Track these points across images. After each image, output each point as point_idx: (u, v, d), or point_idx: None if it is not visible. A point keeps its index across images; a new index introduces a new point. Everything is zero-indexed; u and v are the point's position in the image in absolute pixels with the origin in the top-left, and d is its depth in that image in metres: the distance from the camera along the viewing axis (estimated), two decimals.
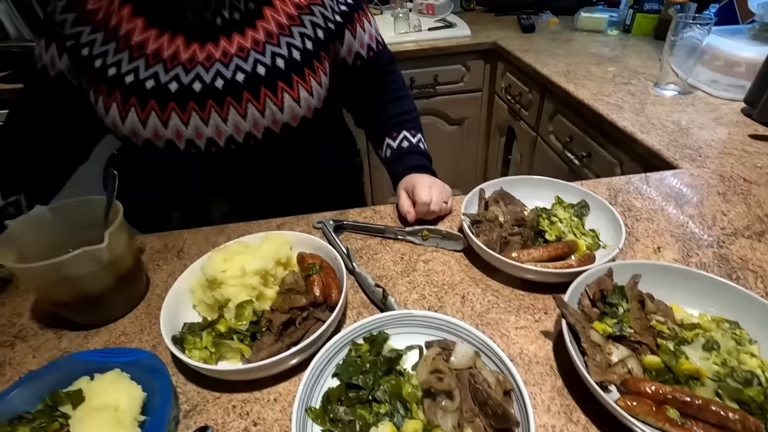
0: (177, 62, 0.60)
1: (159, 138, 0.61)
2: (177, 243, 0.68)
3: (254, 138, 0.64)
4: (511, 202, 0.64)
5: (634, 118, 0.95)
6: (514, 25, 1.80)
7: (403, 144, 0.75)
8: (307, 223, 0.70)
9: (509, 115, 1.61)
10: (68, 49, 0.61)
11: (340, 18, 0.69)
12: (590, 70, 1.25)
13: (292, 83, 0.63)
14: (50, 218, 0.55)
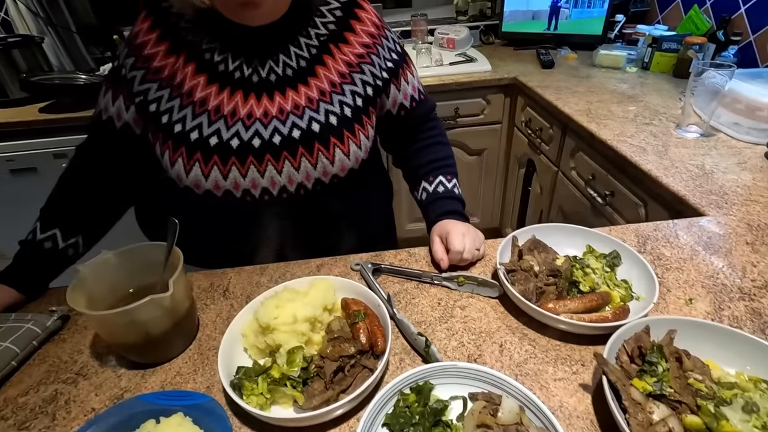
0: (237, 118, 0.65)
1: (218, 189, 0.66)
2: (222, 282, 0.71)
3: (305, 187, 0.68)
4: (544, 250, 0.67)
5: (657, 161, 0.98)
6: (533, 59, 1.85)
7: (439, 189, 0.78)
8: (345, 265, 0.73)
9: (529, 148, 1.64)
10: (137, 105, 0.66)
11: (387, 74, 0.73)
12: (611, 109, 1.28)
13: (343, 138, 0.68)
14: (114, 262, 0.59)
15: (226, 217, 0.73)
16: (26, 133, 1.57)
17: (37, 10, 1.78)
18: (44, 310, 0.67)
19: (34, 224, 0.70)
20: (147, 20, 0.66)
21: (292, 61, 0.68)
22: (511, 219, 1.97)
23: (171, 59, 0.65)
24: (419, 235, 1.74)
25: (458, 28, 2.00)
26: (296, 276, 0.71)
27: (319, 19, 0.70)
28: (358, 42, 0.71)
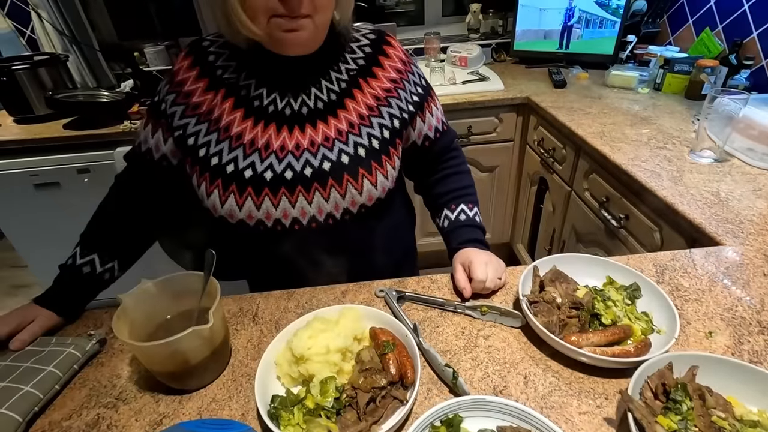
0: (270, 151, 0.68)
1: (251, 219, 0.69)
2: (251, 307, 0.74)
3: (333, 217, 0.71)
4: (564, 280, 0.69)
5: (673, 187, 0.99)
6: (545, 78, 1.88)
7: (461, 217, 0.81)
8: (369, 291, 0.75)
9: (542, 167, 1.66)
10: (175, 138, 0.70)
11: (413, 107, 0.76)
12: (625, 131, 1.30)
13: (371, 170, 0.70)
14: (153, 291, 0.61)
15: (256, 245, 0.76)
16: (50, 148, 1.62)
17: (63, 28, 1.84)
18: (82, 332, 0.70)
19: (74, 249, 0.73)
20: (188, 58, 0.70)
21: (323, 94, 0.71)
22: (523, 235, 1.98)
23: (209, 95, 0.68)
24: (431, 250, 1.76)
25: (470, 47, 2.04)
26: (322, 302, 0.74)
27: (350, 55, 0.73)
28: (386, 77, 0.74)
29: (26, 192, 1.66)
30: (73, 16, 1.84)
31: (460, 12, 2.38)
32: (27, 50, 1.96)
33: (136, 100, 1.74)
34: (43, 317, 0.67)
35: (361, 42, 0.75)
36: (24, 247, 1.82)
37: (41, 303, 0.69)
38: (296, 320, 0.64)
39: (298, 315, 0.71)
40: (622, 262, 0.77)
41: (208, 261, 0.61)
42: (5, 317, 0.67)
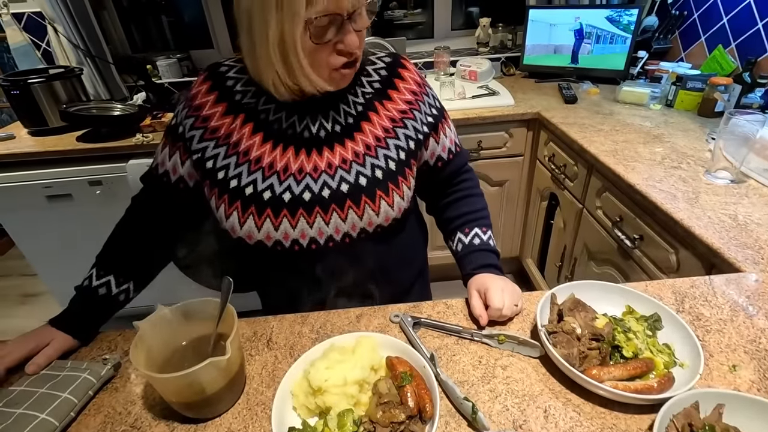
0: (289, 173, 0.68)
1: (269, 239, 0.69)
2: (265, 331, 0.73)
3: (350, 236, 0.71)
4: (583, 309, 0.68)
5: (689, 209, 0.98)
6: (555, 92, 1.88)
7: (475, 241, 0.80)
8: (384, 316, 0.75)
9: (552, 182, 1.66)
10: (194, 161, 0.70)
11: (427, 128, 0.77)
12: (638, 150, 1.29)
13: (388, 191, 0.71)
14: (169, 317, 0.61)
15: (273, 264, 0.76)
16: (63, 160, 1.63)
17: (77, 42, 1.87)
18: (96, 355, 0.70)
19: (90, 271, 0.73)
20: (206, 83, 0.71)
21: (340, 117, 0.71)
22: (532, 250, 1.97)
23: (228, 119, 0.69)
24: (440, 263, 1.75)
25: (480, 60, 2.04)
26: (336, 326, 0.73)
27: (366, 79, 0.74)
28: (401, 99, 0.74)
29: (39, 203, 1.67)
30: (87, 29, 1.86)
31: (470, 26, 2.39)
32: (42, 63, 1.99)
33: (149, 113, 1.75)
34: (59, 340, 0.67)
35: (377, 65, 0.75)
36: (34, 256, 1.83)
37: (56, 325, 0.69)
38: (312, 348, 0.63)
39: (313, 340, 0.70)
40: (641, 289, 0.76)
41: (225, 288, 0.61)
42: (21, 340, 0.67)
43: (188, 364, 0.53)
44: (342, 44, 0.61)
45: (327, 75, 0.64)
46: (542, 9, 1.96)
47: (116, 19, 2.15)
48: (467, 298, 0.76)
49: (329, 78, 0.65)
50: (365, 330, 0.72)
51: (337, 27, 0.59)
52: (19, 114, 1.70)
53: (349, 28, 0.60)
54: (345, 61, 0.63)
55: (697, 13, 1.73)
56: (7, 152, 1.60)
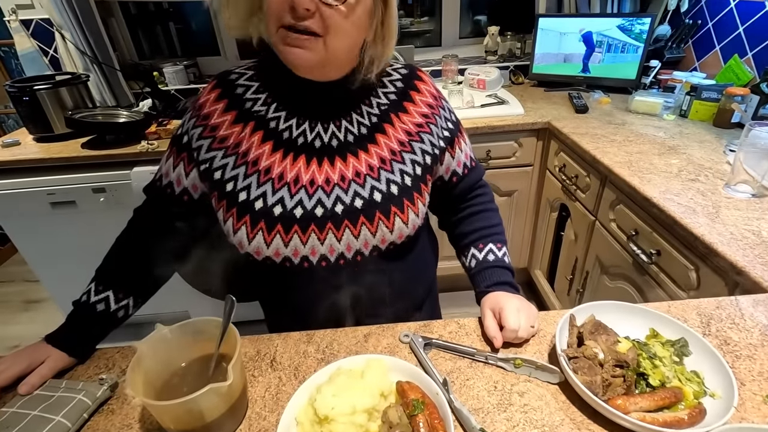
0: (300, 185, 0.65)
1: (278, 255, 0.66)
2: (269, 350, 0.70)
3: (362, 254, 0.68)
4: (605, 331, 0.64)
5: (710, 225, 0.94)
6: (565, 102, 1.85)
7: (489, 257, 0.77)
8: (393, 336, 0.71)
9: (563, 193, 1.62)
10: (201, 172, 0.68)
11: (443, 143, 0.74)
12: (653, 161, 1.25)
13: (403, 207, 0.68)
14: (169, 337, 0.58)
15: (280, 280, 0.73)
16: (67, 167, 1.62)
17: (84, 48, 1.87)
18: (92, 374, 0.67)
19: (89, 285, 0.70)
20: (215, 91, 0.68)
21: (353, 127, 0.68)
22: (541, 261, 1.93)
23: (237, 128, 0.66)
24: (447, 274, 1.71)
25: (488, 69, 2.02)
26: (343, 346, 0.70)
27: (381, 89, 0.71)
28: (418, 112, 0.71)
29: (43, 210, 1.66)
30: (95, 36, 1.86)
31: (478, 34, 2.38)
32: (50, 69, 1.99)
33: (154, 120, 1.74)
34: (54, 358, 0.64)
35: (393, 76, 0.73)
36: (37, 262, 1.82)
37: (52, 342, 0.66)
38: (318, 371, 0.60)
39: (319, 361, 0.67)
40: (663, 310, 0.72)
41: (227, 307, 0.58)
42: (14, 357, 0.64)
43: (187, 388, 0.50)
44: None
45: (274, 32, 0.58)
46: (552, 17, 1.94)
47: (124, 26, 2.15)
48: (480, 317, 0.72)
49: (276, 41, 0.59)
50: (374, 350, 0.68)
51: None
52: (24, 120, 1.69)
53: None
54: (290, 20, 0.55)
55: (711, 22, 1.70)
56: (12, 158, 1.58)
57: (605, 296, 1.38)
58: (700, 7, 1.75)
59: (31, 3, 1.87)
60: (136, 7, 2.22)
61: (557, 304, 1.78)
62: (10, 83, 1.65)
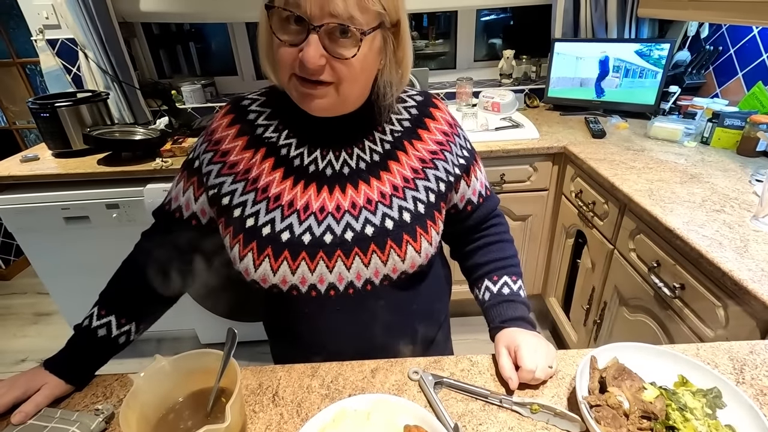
0: (309, 212, 0.64)
1: (285, 283, 0.64)
2: (272, 383, 0.67)
3: (372, 283, 0.66)
4: (629, 376, 0.60)
5: (738, 260, 0.89)
6: (581, 126, 1.82)
7: (504, 290, 0.73)
8: (402, 372, 0.68)
9: (579, 220, 1.58)
10: (210, 197, 0.67)
11: (458, 170, 0.72)
12: (675, 190, 1.21)
13: (415, 236, 0.65)
14: (168, 370, 0.56)
15: (287, 310, 0.71)
16: (82, 183, 1.64)
17: (106, 67, 1.91)
18: (89, 403, 0.65)
19: (91, 309, 0.69)
20: (227, 117, 0.68)
21: (365, 154, 0.67)
22: (556, 289, 1.87)
23: (247, 154, 0.65)
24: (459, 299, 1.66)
25: (503, 92, 2.01)
26: (349, 381, 0.67)
27: (395, 116, 0.70)
28: (432, 139, 0.70)
29: (57, 224, 1.67)
30: (116, 55, 1.91)
31: (493, 57, 2.38)
32: (72, 87, 2.04)
33: (170, 138, 1.76)
34: (50, 386, 0.62)
35: (407, 103, 0.71)
36: (48, 275, 1.83)
37: (50, 368, 0.64)
38: (322, 410, 0.56)
39: (323, 397, 0.64)
40: (692, 353, 0.67)
41: (228, 340, 0.55)
42: (11, 383, 0.62)
43: (184, 425, 0.47)
44: (301, 53, 0.54)
45: (287, 81, 0.58)
46: (568, 42, 1.93)
47: (145, 45, 2.21)
48: (495, 354, 0.69)
49: (290, 88, 0.59)
50: (381, 387, 0.65)
51: (304, 34, 0.53)
52: (44, 136, 1.72)
53: (313, 38, 0.53)
54: (301, 75, 0.56)
55: (733, 48, 1.67)
56: (30, 173, 1.61)
57: (624, 329, 1.32)
58: (721, 33, 1.72)
59: (58, 23, 1.93)
60: (158, 27, 2.28)
61: (572, 334, 1.71)
62: (33, 100, 1.69)
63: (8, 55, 2.32)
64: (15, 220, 1.67)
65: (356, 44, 0.54)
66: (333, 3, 0.51)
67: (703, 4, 1.36)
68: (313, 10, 0.51)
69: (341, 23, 0.52)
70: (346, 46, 0.54)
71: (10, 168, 1.65)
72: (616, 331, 1.38)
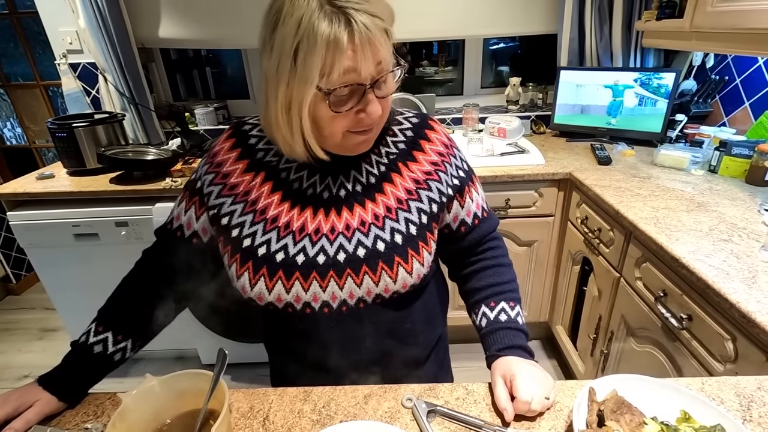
0: (305, 233, 0.65)
1: (280, 301, 0.65)
2: (263, 406, 0.66)
3: (365, 302, 0.66)
4: (628, 410, 0.58)
5: (746, 291, 0.87)
6: (587, 153, 1.82)
7: (501, 317, 0.72)
8: (395, 398, 0.66)
9: (585, 246, 1.56)
10: (210, 217, 0.68)
11: (452, 191, 0.73)
12: (681, 219, 1.19)
13: (407, 257, 0.66)
14: (157, 390, 0.56)
15: (284, 326, 0.72)
16: (93, 200, 1.67)
17: (124, 90, 1.98)
18: (80, 421, 0.64)
19: (89, 325, 0.70)
20: (230, 140, 0.70)
21: (362, 177, 0.68)
22: (563, 317, 1.83)
23: (248, 176, 0.67)
24: (462, 324, 1.64)
25: (509, 118, 2.03)
26: (341, 406, 0.65)
27: (391, 138, 0.71)
28: (427, 160, 0.71)
29: (66, 241, 1.71)
30: (134, 79, 1.98)
31: (500, 84, 2.41)
32: (90, 108, 2.12)
33: (181, 158, 1.80)
34: (42, 403, 0.62)
35: (404, 125, 0.73)
36: (55, 291, 1.85)
37: (44, 384, 0.65)
38: None
39: (314, 422, 0.63)
40: (697, 387, 0.65)
41: (219, 360, 0.55)
42: (3, 399, 0.62)
43: None
44: (364, 113, 0.58)
45: (339, 139, 0.61)
46: (573, 70, 1.95)
47: (163, 70, 2.29)
48: (491, 383, 0.67)
49: (342, 143, 0.62)
50: (373, 414, 0.64)
51: (360, 95, 0.57)
52: (60, 155, 1.78)
53: (371, 96, 0.57)
54: (363, 128, 0.61)
55: (739, 78, 1.67)
56: (44, 191, 1.65)
57: (632, 361, 1.29)
58: (727, 63, 1.73)
59: (81, 48, 2.02)
60: (176, 53, 2.37)
61: (579, 364, 1.67)
62: (52, 120, 1.75)
63: (33, 77, 2.43)
64: (27, 236, 1.70)
65: (390, 80, 0.60)
66: (380, 56, 0.55)
67: (706, 35, 1.37)
68: (370, 72, 0.55)
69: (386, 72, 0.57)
70: (387, 87, 0.60)
71: (26, 185, 1.70)
72: (623, 363, 1.34)
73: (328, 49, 0.51)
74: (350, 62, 0.53)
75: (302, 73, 0.53)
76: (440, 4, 1.99)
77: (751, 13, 1.19)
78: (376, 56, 0.54)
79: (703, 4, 1.36)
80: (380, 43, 0.54)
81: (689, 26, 1.42)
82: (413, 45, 2.51)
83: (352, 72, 0.54)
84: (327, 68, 0.53)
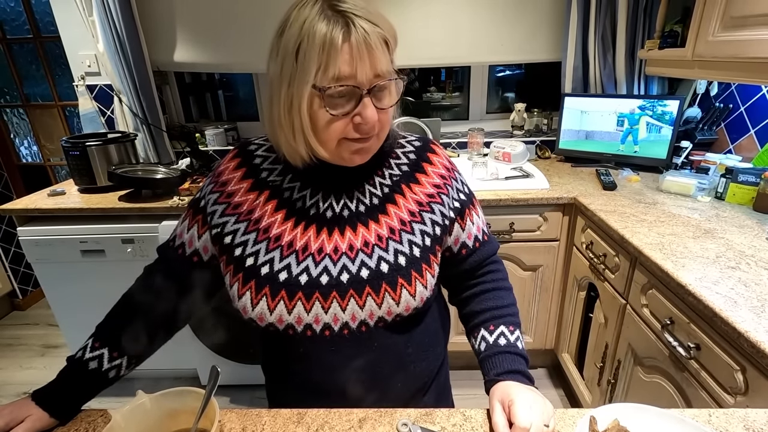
0: (308, 253, 0.65)
1: (281, 322, 0.64)
2: (256, 427, 0.65)
3: (366, 324, 0.65)
4: None
5: (755, 321, 0.85)
6: (592, 178, 1.82)
7: (500, 341, 0.71)
8: (391, 423, 0.65)
9: (591, 272, 1.54)
10: (213, 236, 0.69)
11: (453, 213, 0.73)
12: (687, 245, 1.18)
13: (410, 279, 0.65)
14: (148, 407, 0.55)
15: (283, 349, 0.71)
16: (101, 217, 1.70)
17: (137, 111, 2.04)
18: None
19: (86, 341, 0.69)
20: (234, 160, 0.71)
21: (365, 198, 0.69)
22: (569, 344, 1.79)
23: (251, 196, 0.68)
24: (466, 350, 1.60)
25: (514, 143, 2.05)
26: (335, 429, 0.64)
27: (394, 161, 0.72)
28: (429, 183, 0.71)
29: (73, 257, 1.73)
30: (148, 100, 2.04)
31: (505, 110, 2.44)
32: (104, 128, 2.18)
33: (189, 177, 1.83)
34: (33, 418, 0.62)
35: (406, 148, 0.74)
36: (59, 307, 1.86)
37: (38, 399, 0.64)
38: None
39: None
40: (703, 419, 0.63)
41: (212, 377, 0.54)
42: None
43: None
44: (359, 117, 0.59)
45: (334, 147, 0.62)
46: (578, 97, 1.97)
47: (176, 92, 2.36)
48: (489, 411, 0.65)
49: (338, 152, 0.62)
50: None
51: (357, 100, 0.58)
52: (72, 172, 1.82)
53: (368, 101, 0.58)
54: (358, 135, 0.61)
55: (744, 106, 1.67)
56: (54, 207, 1.69)
57: (640, 391, 1.24)
58: (731, 91, 1.74)
59: (98, 71, 2.10)
60: (190, 76, 2.45)
61: (586, 394, 1.61)
62: (66, 139, 1.81)
63: (51, 98, 2.51)
64: (35, 251, 1.73)
65: (390, 93, 0.61)
66: (379, 63, 0.56)
67: (708, 63, 1.39)
68: (367, 77, 0.56)
69: (385, 80, 0.58)
70: (387, 98, 0.61)
71: (37, 201, 1.74)
72: (631, 393, 1.30)
73: (324, 46, 0.54)
74: (346, 63, 0.55)
75: (301, 71, 0.56)
76: (448, 32, 2.05)
77: (752, 43, 1.20)
78: (373, 62, 0.56)
79: (704, 33, 1.38)
80: (378, 50, 0.56)
81: (691, 55, 1.44)
82: (421, 71, 2.57)
83: (348, 74, 0.55)
84: (323, 66, 0.55)
